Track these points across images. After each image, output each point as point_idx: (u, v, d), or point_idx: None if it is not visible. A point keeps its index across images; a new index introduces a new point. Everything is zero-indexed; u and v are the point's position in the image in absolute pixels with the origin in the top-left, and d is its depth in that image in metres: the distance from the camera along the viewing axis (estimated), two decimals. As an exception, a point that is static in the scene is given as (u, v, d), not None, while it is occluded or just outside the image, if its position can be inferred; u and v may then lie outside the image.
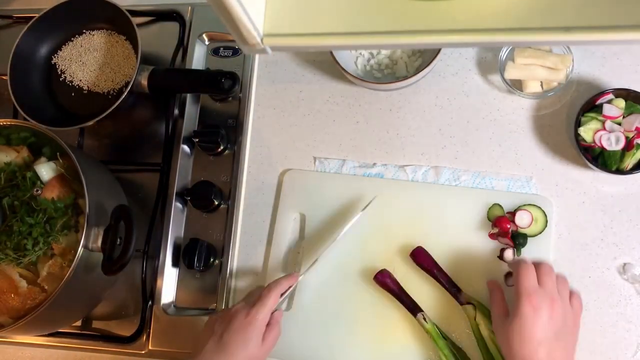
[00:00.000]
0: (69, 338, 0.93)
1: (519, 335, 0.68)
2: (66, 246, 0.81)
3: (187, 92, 0.97)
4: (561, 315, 0.69)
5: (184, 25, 1.03)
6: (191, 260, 0.88)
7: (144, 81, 0.91)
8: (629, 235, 0.82)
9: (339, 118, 0.95)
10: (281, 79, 0.99)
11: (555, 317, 0.69)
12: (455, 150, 0.89)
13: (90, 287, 0.85)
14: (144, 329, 0.90)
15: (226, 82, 0.87)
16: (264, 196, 0.94)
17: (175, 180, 0.94)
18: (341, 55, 0.90)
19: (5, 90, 0.96)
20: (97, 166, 0.92)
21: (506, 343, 0.69)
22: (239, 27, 0.42)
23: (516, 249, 0.81)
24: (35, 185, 0.83)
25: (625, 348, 0.79)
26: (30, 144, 0.90)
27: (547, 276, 0.72)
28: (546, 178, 0.86)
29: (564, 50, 0.86)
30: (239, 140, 0.95)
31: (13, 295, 0.80)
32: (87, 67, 0.99)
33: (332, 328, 0.85)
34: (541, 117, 0.88)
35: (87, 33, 1.01)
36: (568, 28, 0.38)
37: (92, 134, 1.03)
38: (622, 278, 0.81)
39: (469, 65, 0.92)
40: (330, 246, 0.84)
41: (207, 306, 0.90)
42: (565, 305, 0.71)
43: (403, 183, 0.89)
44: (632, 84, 0.84)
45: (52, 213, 0.81)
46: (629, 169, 0.80)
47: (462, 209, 0.85)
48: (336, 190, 0.90)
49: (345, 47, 0.69)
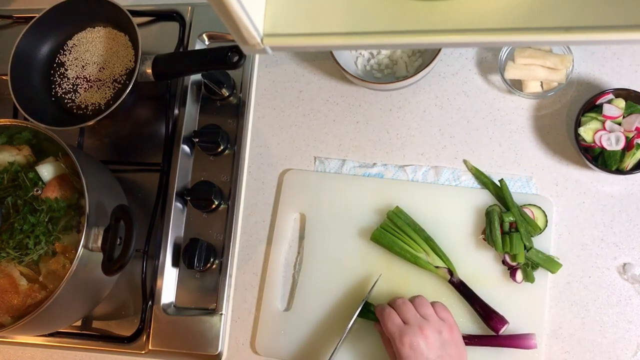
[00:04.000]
0: (69, 338, 0.93)
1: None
2: (68, 244, 0.82)
3: (194, 72, 0.96)
4: (436, 335, 0.72)
5: (184, 25, 1.03)
6: (191, 260, 0.88)
7: (148, 70, 0.90)
8: (629, 235, 0.82)
9: (339, 118, 0.95)
10: (281, 79, 0.99)
11: (431, 341, 0.71)
12: (455, 150, 0.89)
13: (90, 287, 0.85)
14: (144, 329, 0.90)
15: (232, 56, 0.85)
16: (264, 196, 0.94)
17: (175, 180, 0.94)
18: (341, 55, 0.90)
19: (5, 90, 0.96)
20: (97, 166, 0.92)
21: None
22: (239, 27, 0.42)
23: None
24: (36, 186, 0.84)
25: (625, 348, 0.79)
26: (32, 144, 0.90)
27: (404, 307, 0.75)
28: (546, 178, 0.86)
29: (564, 50, 0.86)
30: (239, 140, 0.95)
31: (14, 293, 0.81)
32: (88, 66, 0.99)
33: (332, 328, 0.85)
34: (541, 117, 0.88)
35: (88, 32, 1.01)
36: (568, 28, 0.38)
37: (92, 134, 1.03)
38: (622, 278, 0.81)
39: (469, 65, 0.92)
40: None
41: (207, 306, 0.90)
42: (433, 323, 0.73)
43: (403, 183, 0.89)
44: (632, 84, 0.84)
45: (54, 213, 0.81)
46: (629, 169, 0.80)
47: (462, 209, 0.85)
48: (336, 190, 0.90)
49: (345, 47, 0.69)
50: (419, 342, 0.70)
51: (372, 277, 0.85)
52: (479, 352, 0.79)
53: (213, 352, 0.87)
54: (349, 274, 0.86)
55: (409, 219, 0.85)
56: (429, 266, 0.82)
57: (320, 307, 0.86)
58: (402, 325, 0.73)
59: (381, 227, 0.85)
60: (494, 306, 0.80)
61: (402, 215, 0.85)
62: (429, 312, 0.75)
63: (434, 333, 0.72)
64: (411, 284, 0.84)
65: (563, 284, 0.82)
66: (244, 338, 0.89)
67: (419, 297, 0.77)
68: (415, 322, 0.72)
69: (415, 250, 0.82)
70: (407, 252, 0.83)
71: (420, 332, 0.71)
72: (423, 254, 0.82)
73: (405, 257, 0.83)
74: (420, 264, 0.82)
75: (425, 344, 0.71)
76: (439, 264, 0.82)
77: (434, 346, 0.71)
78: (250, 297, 0.90)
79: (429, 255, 0.82)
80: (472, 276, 0.82)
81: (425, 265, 0.82)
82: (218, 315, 0.88)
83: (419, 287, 0.83)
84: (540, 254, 0.81)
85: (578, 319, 0.81)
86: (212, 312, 0.89)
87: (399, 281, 0.84)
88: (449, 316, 0.76)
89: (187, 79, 0.99)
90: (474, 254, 0.84)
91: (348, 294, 0.86)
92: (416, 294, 0.80)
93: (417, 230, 0.84)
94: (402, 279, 0.84)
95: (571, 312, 0.81)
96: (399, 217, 0.84)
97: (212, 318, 0.88)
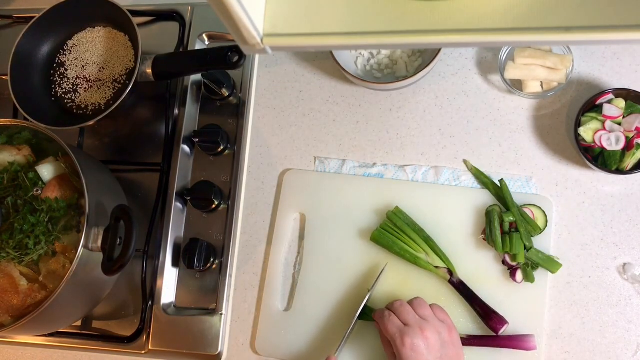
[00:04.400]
0: (69, 338, 0.93)
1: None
2: (68, 244, 0.82)
3: (194, 72, 0.96)
4: (436, 335, 0.72)
5: (184, 25, 1.03)
6: (191, 260, 0.88)
7: (148, 70, 0.90)
8: (629, 235, 0.82)
9: (339, 118, 0.95)
10: (281, 79, 0.99)
11: (431, 342, 0.71)
12: (455, 150, 0.89)
13: (90, 287, 0.85)
14: (144, 329, 0.90)
15: (232, 56, 0.85)
16: (264, 196, 0.94)
17: (175, 180, 0.94)
18: (341, 55, 0.90)
19: (5, 90, 0.96)
20: (97, 166, 0.92)
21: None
22: (239, 27, 0.42)
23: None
24: (36, 186, 0.84)
25: (625, 348, 0.79)
26: (32, 144, 0.90)
27: (403, 309, 0.74)
28: (546, 178, 0.86)
29: (564, 50, 0.86)
30: (239, 140, 0.95)
31: (14, 293, 0.81)
32: (88, 66, 0.99)
33: (332, 328, 0.85)
34: (541, 117, 0.88)
35: (88, 32, 1.01)
36: (568, 28, 0.38)
37: (92, 134, 1.03)
38: (622, 278, 0.81)
39: (469, 65, 0.92)
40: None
41: (207, 306, 0.90)
42: (433, 324, 0.73)
43: (403, 183, 0.89)
44: (632, 84, 0.84)
45: (54, 213, 0.81)
46: (629, 169, 0.80)
47: (462, 209, 0.85)
48: (336, 190, 0.90)
49: (345, 47, 0.69)
50: (419, 343, 0.70)
51: (372, 277, 0.85)
52: (478, 352, 0.79)
53: (213, 352, 0.87)
54: (348, 274, 0.86)
55: (409, 219, 0.85)
56: (428, 266, 0.82)
57: (320, 307, 0.86)
58: (402, 326, 0.73)
59: (381, 227, 0.85)
60: (493, 306, 0.80)
61: (401, 215, 0.85)
62: (427, 313, 0.75)
63: (434, 334, 0.72)
64: (411, 284, 0.84)
65: (563, 284, 0.82)
66: (244, 338, 0.89)
67: (418, 298, 0.77)
68: (415, 324, 0.72)
69: (415, 250, 0.82)
70: (406, 252, 0.83)
71: (421, 333, 0.71)
72: (423, 254, 0.82)
73: (405, 258, 0.83)
74: (420, 264, 0.82)
75: (425, 345, 0.71)
76: (438, 264, 0.82)
77: (434, 347, 0.71)
78: (250, 297, 0.90)
79: (428, 255, 0.82)
80: (472, 276, 0.82)
81: (425, 266, 0.82)
82: (218, 315, 0.88)
83: (418, 287, 0.83)
84: (540, 254, 0.81)
85: (578, 319, 0.81)
86: (212, 312, 0.89)
87: (399, 281, 0.84)
88: (447, 317, 0.76)
89: (187, 79, 0.99)
90: (474, 254, 0.84)
91: (348, 294, 0.86)
92: (416, 294, 0.80)
93: (417, 231, 0.84)
94: (402, 280, 0.84)
95: (571, 312, 0.81)
96: (398, 218, 0.84)
97: (212, 318, 0.88)
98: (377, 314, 0.77)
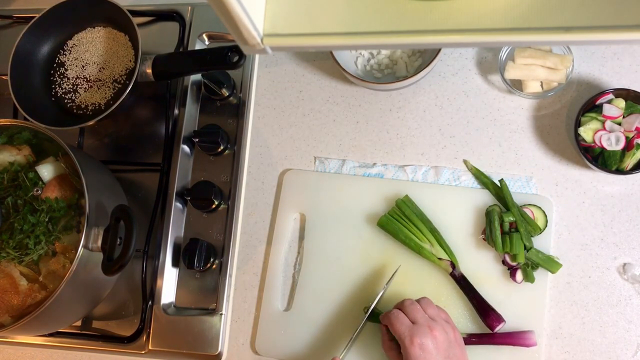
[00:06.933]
0: (69, 338, 0.93)
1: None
2: (68, 244, 0.82)
3: (194, 72, 0.96)
4: (444, 335, 0.72)
5: (184, 25, 1.03)
6: (191, 260, 0.88)
7: (148, 70, 0.90)
8: (629, 235, 0.82)
9: (339, 118, 0.95)
10: (281, 79, 0.99)
11: (439, 341, 0.71)
12: (455, 150, 0.89)
13: (90, 287, 0.85)
14: (144, 329, 0.90)
15: (232, 56, 0.85)
16: (264, 196, 0.94)
17: (175, 180, 0.94)
18: (341, 55, 0.90)
19: (5, 90, 0.96)
20: (97, 166, 0.92)
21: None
22: (239, 27, 0.42)
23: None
24: (36, 186, 0.84)
25: (625, 348, 0.79)
26: (32, 144, 0.90)
27: (413, 307, 0.74)
28: (546, 178, 0.86)
29: (564, 50, 0.86)
30: (239, 140, 0.95)
31: (14, 293, 0.81)
32: (88, 66, 0.99)
33: (332, 328, 0.85)
34: (541, 117, 0.88)
35: (88, 32, 1.01)
36: (568, 28, 0.38)
37: (92, 134, 1.03)
38: (622, 278, 0.81)
39: (469, 65, 0.92)
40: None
41: (207, 306, 0.90)
42: (441, 324, 0.73)
43: (403, 183, 0.89)
44: (632, 84, 0.84)
45: (54, 213, 0.81)
46: (629, 169, 0.80)
47: (462, 209, 0.85)
48: (336, 190, 0.90)
49: (345, 47, 0.69)
50: (428, 342, 0.70)
51: (371, 276, 0.85)
52: (479, 350, 0.79)
53: (213, 352, 0.87)
54: (348, 273, 0.86)
55: (417, 209, 0.85)
56: (432, 257, 0.82)
57: (320, 307, 0.86)
58: (411, 325, 0.72)
59: (389, 214, 0.85)
60: (493, 306, 0.80)
61: (410, 204, 0.85)
62: (435, 312, 0.75)
63: (442, 333, 0.72)
64: (412, 278, 0.84)
65: (563, 284, 0.82)
66: (244, 338, 0.89)
67: (425, 298, 0.77)
68: (424, 323, 0.72)
69: (420, 240, 0.83)
70: (411, 240, 0.83)
71: (430, 332, 0.71)
72: (427, 245, 0.82)
73: (409, 246, 0.83)
74: (423, 254, 0.82)
75: (434, 344, 0.70)
76: (442, 256, 0.82)
77: (442, 347, 0.71)
78: (250, 297, 0.90)
79: (433, 246, 0.82)
80: (472, 276, 0.82)
81: (429, 256, 0.82)
82: (218, 315, 0.88)
83: (420, 281, 0.83)
84: (540, 254, 0.81)
85: (578, 319, 0.81)
86: (212, 312, 0.89)
87: (400, 277, 0.84)
88: (450, 318, 0.76)
89: (187, 79, 0.99)
90: (474, 254, 0.84)
91: (348, 294, 0.86)
92: (417, 287, 0.81)
93: (424, 221, 0.84)
94: (404, 275, 0.84)
95: (571, 312, 0.81)
96: (407, 206, 0.84)
97: (212, 318, 0.88)
98: (385, 314, 0.77)
